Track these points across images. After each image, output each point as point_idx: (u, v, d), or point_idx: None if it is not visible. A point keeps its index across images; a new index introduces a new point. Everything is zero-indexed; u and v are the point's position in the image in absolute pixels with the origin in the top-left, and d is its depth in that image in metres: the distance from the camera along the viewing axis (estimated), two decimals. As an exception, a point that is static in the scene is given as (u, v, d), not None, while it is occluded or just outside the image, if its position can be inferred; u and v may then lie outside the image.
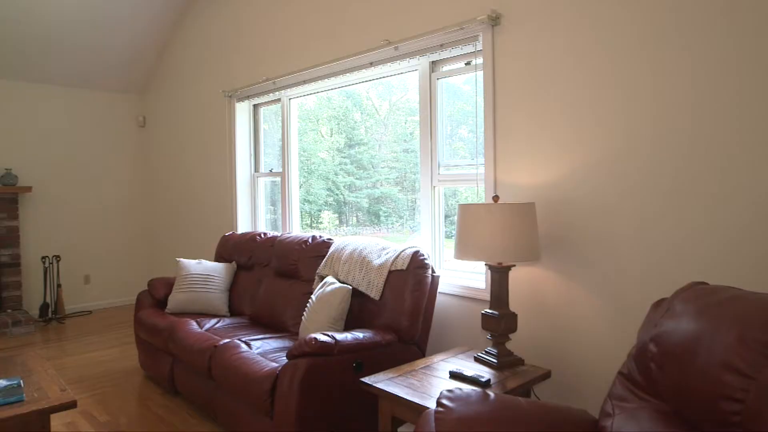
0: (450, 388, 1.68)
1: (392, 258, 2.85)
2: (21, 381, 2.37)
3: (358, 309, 2.92)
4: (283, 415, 2.30)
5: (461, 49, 3.00)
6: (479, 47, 2.87)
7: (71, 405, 2.23)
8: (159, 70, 5.95)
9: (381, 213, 4.65)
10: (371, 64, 3.50)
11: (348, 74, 3.68)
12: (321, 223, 4.98)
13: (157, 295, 3.79)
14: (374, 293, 2.83)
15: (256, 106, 4.79)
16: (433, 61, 3.24)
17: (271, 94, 4.40)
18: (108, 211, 6.12)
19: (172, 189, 5.84)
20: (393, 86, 4.37)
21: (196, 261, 3.86)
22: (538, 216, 2.59)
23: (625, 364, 1.64)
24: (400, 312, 2.70)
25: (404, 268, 2.77)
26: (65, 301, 5.70)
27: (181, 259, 3.86)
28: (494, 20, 2.74)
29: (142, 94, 6.32)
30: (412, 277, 2.74)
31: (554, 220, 2.56)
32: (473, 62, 2.99)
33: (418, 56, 3.21)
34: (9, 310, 5.29)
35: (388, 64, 3.41)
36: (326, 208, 5.00)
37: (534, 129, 2.63)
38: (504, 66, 2.74)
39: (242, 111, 4.75)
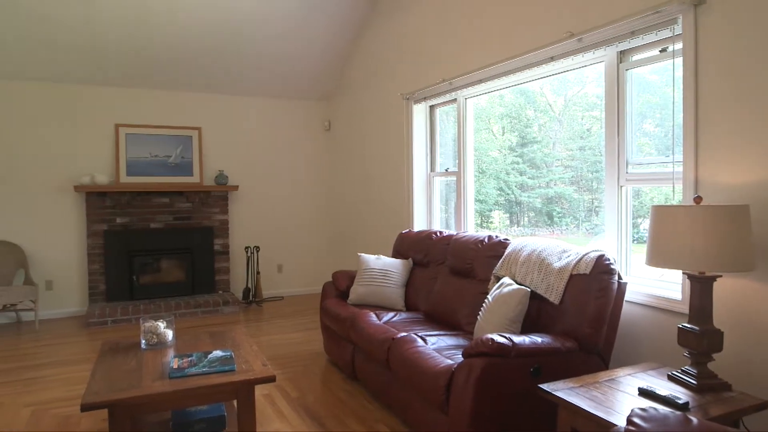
0: (643, 407, 1.55)
1: (574, 261, 2.70)
2: (232, 353, 2.73)
3: (535, 312, 2.84)
4: (457, 412, 2.33)
5: (656, 34, 2.73)
6: (678, 31, 2.59)
7: (271, 379, 2.52)
8: (343, 77, 6.41)
9: (554, 214, 4.44)
10: (551, 59, 3.37)
11: (526, 71, 3.59)
12: (491, 222, 4.92)
13: (340, 286, 4.09)
14: (554, 297, 2.72)
15: (432, 107, 4.90)
16: (621, 51, 3.00)
17: (447, 95, 4.47)
18: (299, 208, 6.78)
19: (354, 188, 6.25)
20: (569, 80, 4.14)
21: (376, 257, 4.08)
22: (752, 220, 2.25)
23: None
24: (581, 319, 2.56)
25: (587, 272, 2.62)
26: (262, 286, 6.45)
27: (362, 254, 4.11)
28: (697, 0, 2.45)
29: (328, 100, 6.86)
30: (596, 282, 2.57)
31: (774, 226, 2.20)
32: (670, 49, 2.71)
33: (604, 47, 3.01)
34: (220, 291, 6.16)
35: (570, 57, 3.25)
36: (497, 207, 4.92)
37: (746, 121, 2.29)
38: (708, 51, 2.44)
39: (419, 112, 4.90)
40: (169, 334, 3.00)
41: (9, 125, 5.42)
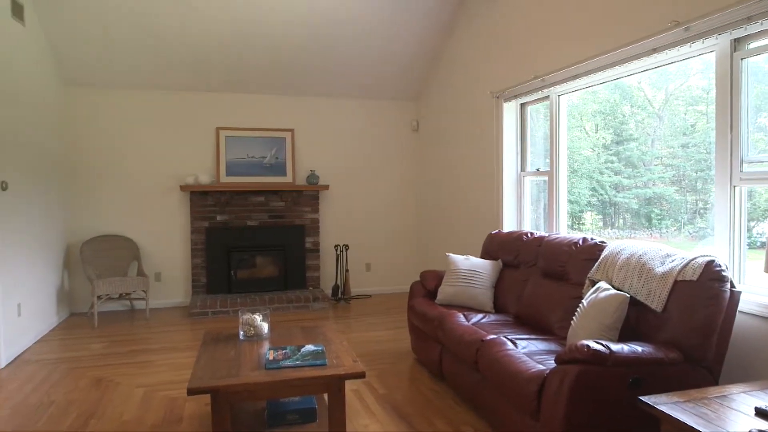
0: (761, 428, 1.42)
1: (679, 266, 2.52)
2: (324, 348, 2.82)
3: (634, 320, 2.68)
4: (549, 420, 2.26)
5: (779, 18, 2.49)
6: (806, 14, 2.35)
7: (361, 375, 2.57)
8: (431, 77, 6.40)
9: (653, 216, 4.17)
10: (654, 51, 3.17)
11: (625, 64, 3.41)
12: (583, 224, 4.71)
13: (428, 286, 4.09)
14: (656, 304, 2.56)
15: (523, 105, 4.78)
16: (735, 39, 2.77)
17: (539, 92, 4.34)
18: (386, 207, 6.86)
19: (441, 188, 6.23)
20: (670, 73, 3.86)
21: (464, 257, 4.04)
22: None
23: None
24: (687, 328, 2.39)
25: (694, 279, 2.44)
26: (351, 284, 6.60)
27: (451, 255, 4.09)
28: (831, -21, 2.21)
29: (416, 101, 6.89)
30: (705, 289, 2.38)
31: None
32: (796, 35, 2.46)
33: (715, 35, 2.78)
34: (310, 288, 6.38)
35: (675, 48, 3.04)
36: (589, 208, 4.71)
37: None
38: None
39: (509, 110, 4.80)
40: (265, 327, 3.14)
41: (124, 130, 5.94)
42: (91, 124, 5.85)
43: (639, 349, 2.29)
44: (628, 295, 2.62)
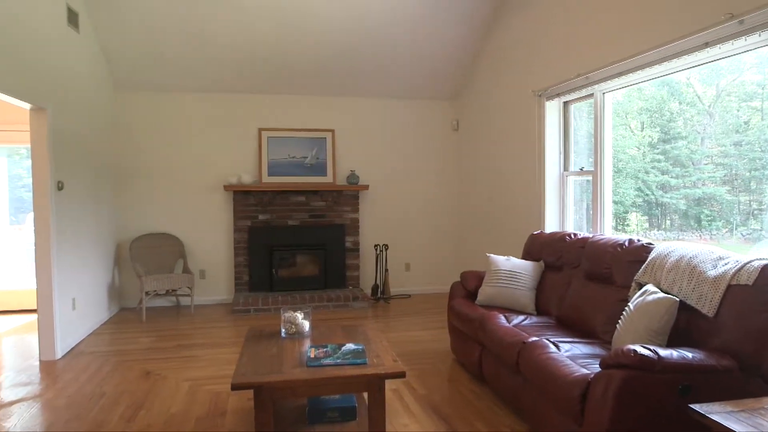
0: (823, 440, 1.35)
1: (733, 270, 2.43)
2: (364, 347, 2.84)
3: (684, 325, 2.59)
4: (593, 426, 2.21)
5: (843, 10, 2.37)
6: None
7: (401, 374, 2.57)
8: (471, 76, 6.35)
9: (702, 217, 4.02)
10: (705, 45, 3.06)
11: (673, 60, 3.30)
12: (628, 225, 4.58)
13: (468, 286, 4.06)
14: (707, 309, 2.47)
15: (566, 104, 4.68)
16: (795, 31, 2.64)
17: (582, 90, 4.25)
18: (426, 207, 6.84)
19: (481, 187, 6.17)
20: (722, 68, 3.71)
21: (505, 258, 4.00)
22: None
23: None
24: (742, 335, 2.29)
25: (750, 283, 2.33)
26: (390, 284, 6.61)
27: (491, 255, 4.04)
28: None
29: (456, 100, 6.84)
30: (762, 294, 2.28)
31: None
32: None
33: (774, 27, 2.66)
34: (350, 287, 6.42)
35: (729, 42, 2.92)
36: (634, 209, 4.58)
37: None
38: None
39: (552, 109, 4.71)
40: (306, 325, 3.19)
41: (171, 132, 6.13)
42: (139, 126, 6.06)
43: (689, 355, 2.21)
44: (678, 299, 2.53)
